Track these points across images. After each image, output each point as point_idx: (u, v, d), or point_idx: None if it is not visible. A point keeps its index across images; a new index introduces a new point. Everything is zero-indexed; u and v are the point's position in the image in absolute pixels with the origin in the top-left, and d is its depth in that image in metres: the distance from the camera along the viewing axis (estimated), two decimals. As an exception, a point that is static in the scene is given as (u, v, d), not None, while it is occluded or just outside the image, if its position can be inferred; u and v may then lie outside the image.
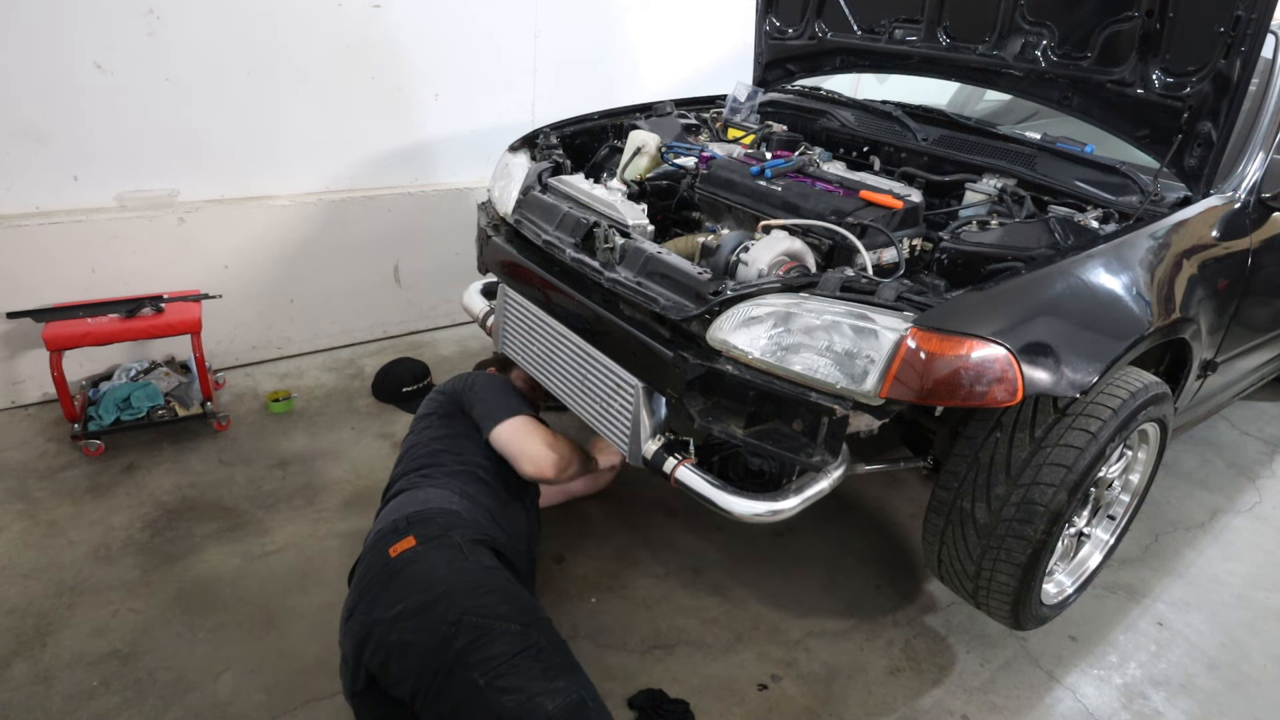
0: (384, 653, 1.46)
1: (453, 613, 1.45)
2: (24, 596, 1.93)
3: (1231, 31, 1.74)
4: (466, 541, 1.61)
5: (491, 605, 1.49)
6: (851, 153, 2.54)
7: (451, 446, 1.93)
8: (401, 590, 1.51)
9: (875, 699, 1.86)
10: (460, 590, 1.49)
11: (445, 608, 1.46)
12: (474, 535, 1.65)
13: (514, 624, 1.47)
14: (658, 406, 1.79)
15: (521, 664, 1.41)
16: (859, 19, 2.61)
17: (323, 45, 2.84)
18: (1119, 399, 1.69)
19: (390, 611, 1.48)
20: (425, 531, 1.61)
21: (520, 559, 1.77)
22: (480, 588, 1.52)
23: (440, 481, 1.81)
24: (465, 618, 1.45)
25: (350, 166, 3.10)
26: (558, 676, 1.42)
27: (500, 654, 1.41)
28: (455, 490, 1.78)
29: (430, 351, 3.28)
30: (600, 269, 1.84)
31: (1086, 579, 2.09)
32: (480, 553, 1.61)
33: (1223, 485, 2.81)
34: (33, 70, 2.39)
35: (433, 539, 1.60)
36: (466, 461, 1.89)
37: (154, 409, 2.54)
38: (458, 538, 1.61)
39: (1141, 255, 1.78)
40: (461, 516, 1.69)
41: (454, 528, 1.64)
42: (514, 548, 1.77)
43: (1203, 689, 1.97)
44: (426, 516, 1.65)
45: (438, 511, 1.68)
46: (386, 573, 1.55)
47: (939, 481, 1.79)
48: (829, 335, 1.52)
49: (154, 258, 2.73)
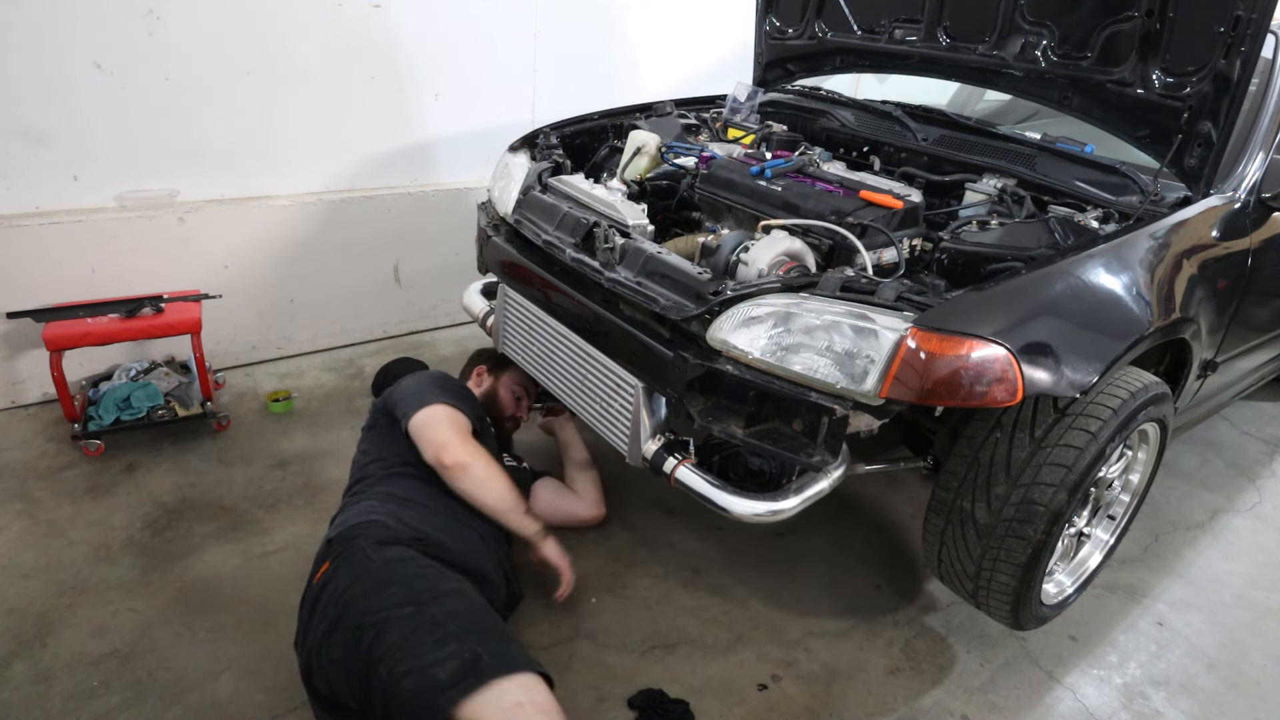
0: (323, 676, 1.50)
1: (355, 618, 1.47)
2: (24, 596, 1.93)
3: (1231, 31, 1.74)
4: (371, 544, 1.61)
5: (389, 597, 1.48)
6: (851, 153, 2.54)
7: (379, 454, 1.93)
8: (322, 613, 1.53)
9: (875, 699, 1.86)
10: (361, 595, 1.50)
11: (351, 615, 1.48)
12: (382, 536, 1.64)
13: (408, 607, 1.46)
14: (658, 406, 1.79)
15: (415, 642, 1.40)
16: (859, 19, 2.61)
17: (323, 45, 2.84)
18: (1119, 399, 1.69)
19: (317, 636, 1.52)
20: (338, 550, 1.62)
21: (466, 541, 1.77)
22: (382, 584, 1.51)
23: (365, 495, 1.82)
24: (365, 619, 1.45)
25: (350, 166, 3.10)
26: (449, 642, 1.40)
27: (396, 641, 1.41)
28: (378, 497, 1.78)
29: (430, 351, 3.28)
30: (600, 269, 1.84)
31: (1086, 579, 2.09)
32: (387, 550, 1.60)
33: (1223, 485, 2.81)
34: (33, 70, 2.39)
35: (341, 555, 1.61)
36: (391, 462, 1.89)
37: (154, 409, 2.54)
38: (362, 543, 1.62)
39: (1141, 255, 1.78)
40: (378, 523, 1.68)
41: (361, 536, 1.64)
42: (456, 530, 1.77)
43: (1203, 689, 1.97)
44: (345, 536, 1.66)
45: (354, 526, 1.68)
46: (311, 599, 1.59)
47: (939, 481, 1.79)
48: (829, 335, 1.52)
49: (154, 258, 2.73)
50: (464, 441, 1.86)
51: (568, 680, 1.82)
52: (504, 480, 1.89)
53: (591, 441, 2.61)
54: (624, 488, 2.45)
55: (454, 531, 1.77)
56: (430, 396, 1.94)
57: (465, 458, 1.83)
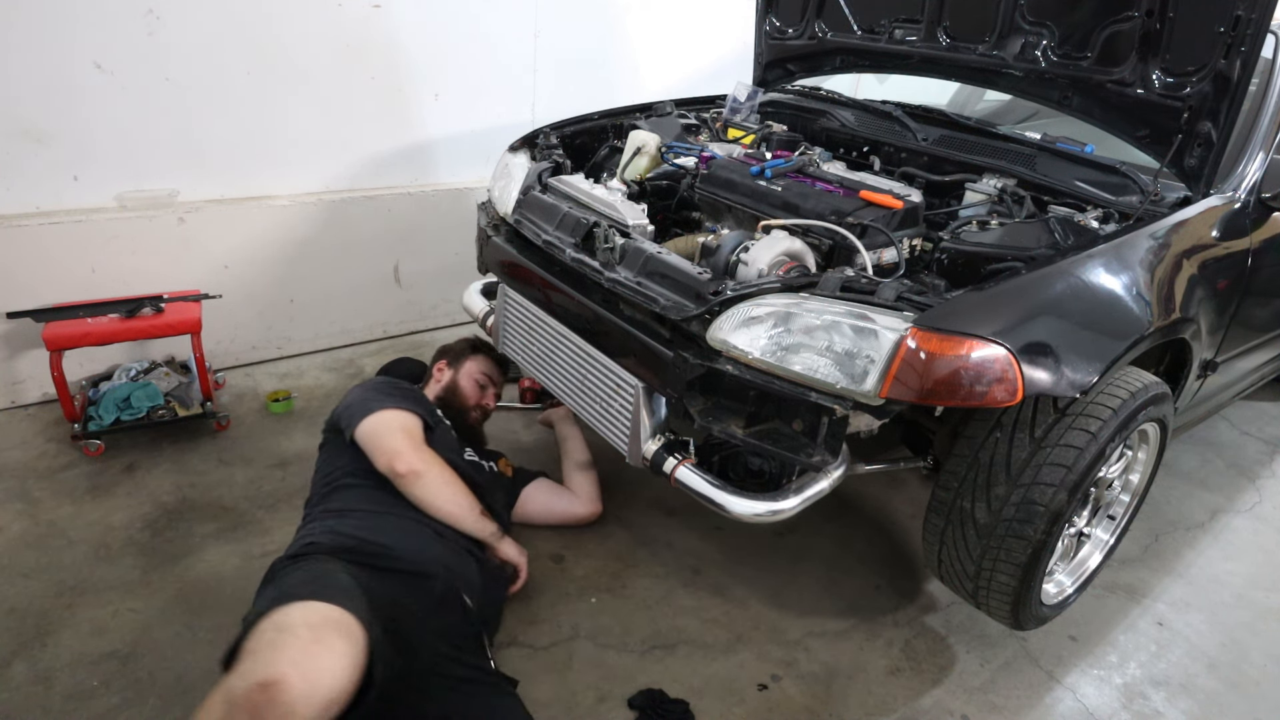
0: None
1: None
2: (24, 596, 1.93)
3: (1231, 31, 1.74)
4: (282, 561, 1.62)
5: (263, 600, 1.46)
6: (851, 153, 2.54)
7: (325, 471, 1.91)
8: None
9: (875, 699, 1.86)
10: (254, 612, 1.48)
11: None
12: (294, 550, 1.65)
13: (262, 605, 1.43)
14: (658, 406, 1.79)
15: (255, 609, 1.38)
16: (859, 19, 2.61)
17: (323, 45, 2.84)
18: (1119, 399, 1.69)
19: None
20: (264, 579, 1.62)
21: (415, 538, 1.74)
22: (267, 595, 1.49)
23: (309, 519, 1.82)
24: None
25: (350, 166, 3.10)
26: (260, 605, 1.37)
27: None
28: (318, 518, 1.77)
29: (430, 351, 3.26)
30: (600, 269, 1.84)
31: (1086, 579, 2.09)
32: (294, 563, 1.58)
33: (1223, 485, 2.81)
34: (33, 70, 2.39)
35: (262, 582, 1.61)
36: (334, 478, 1.87)
37: (154, 409, 2.54)
38: (275, 563, 1.62)
39: (1141, 255, 1.77)
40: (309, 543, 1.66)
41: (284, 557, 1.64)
42: (404, 529, 1.75)
43: (1203, 689, 1.97)
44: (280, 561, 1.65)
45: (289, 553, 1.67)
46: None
47: (939, 481, 1.79)
48: (829, 335, 1.52)
49: (154, 258, 2.73)
50: (416, 448, 1.86)
51: (568, 680, 1.82)
52: (456, 486, 1.87)
53: (591, 441, 2.62)
54: (624, 488, 2.45)
55: (401, 531, 1.74)
56: (375, 404, 1.92)
57: (419, 465, 1.82)
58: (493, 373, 2.33)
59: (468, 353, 2.32)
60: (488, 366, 2.32)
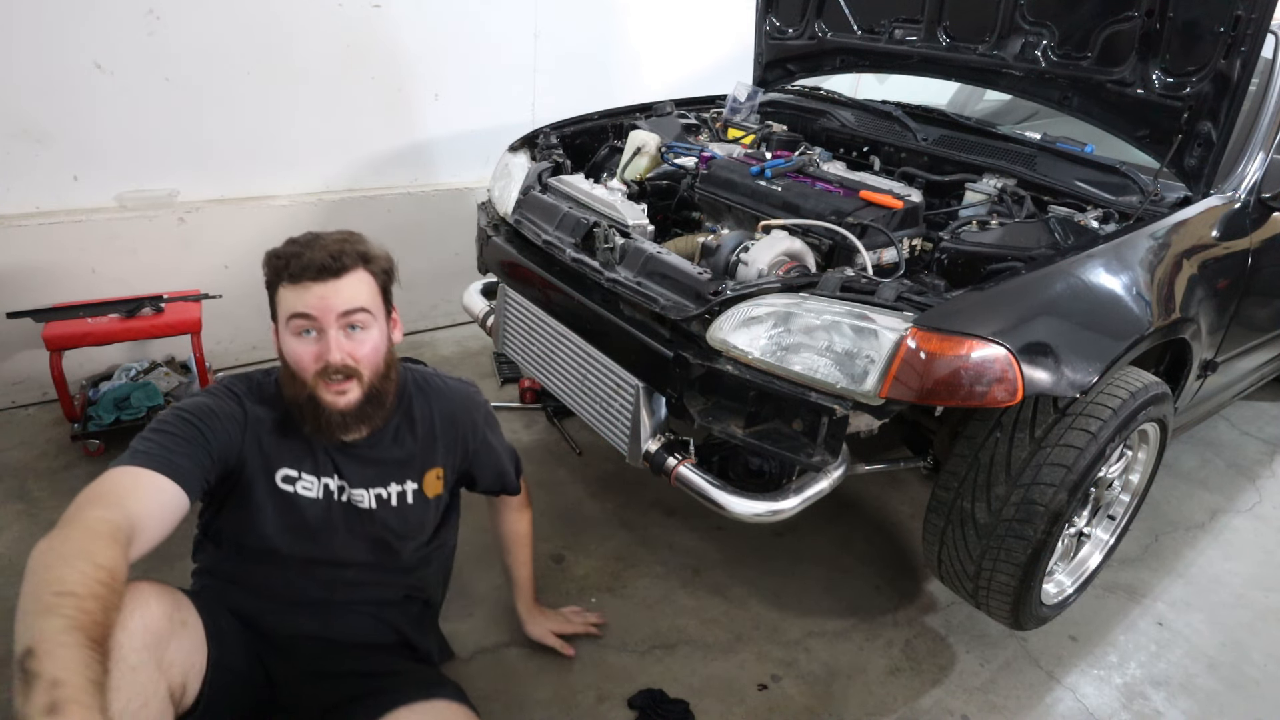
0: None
1: None
2: (24, 596, 1.93)
3: (1231, 31, 1.74)
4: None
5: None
6: (851, 153, 2.54)
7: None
8: None
9: (875, 699, 1.86)
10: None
11: None
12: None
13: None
14: (658, 406, 1.79)
15: None
16: (859, 19, 2.61)
17: (323, 45, 2.84)
18: (1119, 399, 1.69)
19: None
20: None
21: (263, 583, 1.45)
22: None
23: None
24: None
25: (350, 166, 3.10)
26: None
27: None
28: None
29: (430, 351, 3.28)
30: (600, 269, 1.84)
31: (1086, 579, 2.09)
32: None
33: (1223, 485, 2.81)
34: (33, 70, 2.39)
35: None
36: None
37: (154, 409, 2.53)
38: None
39: (1141, 255, 1.78)
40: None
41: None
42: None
43: (1203, 689, 1.97)
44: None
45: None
46: None
47: (939, 481, 1.79)
48: (829, 335, 1.52)
49: (154, 258, 2.72)
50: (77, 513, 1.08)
51: (568, 680, 1.82)
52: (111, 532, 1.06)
53: (592, 440, 2.62)
54: (624, 488, 2.45)
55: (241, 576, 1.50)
56: (132, 452, 1.21)
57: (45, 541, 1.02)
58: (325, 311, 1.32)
59: (274, 283, 1.36)
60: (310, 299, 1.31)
